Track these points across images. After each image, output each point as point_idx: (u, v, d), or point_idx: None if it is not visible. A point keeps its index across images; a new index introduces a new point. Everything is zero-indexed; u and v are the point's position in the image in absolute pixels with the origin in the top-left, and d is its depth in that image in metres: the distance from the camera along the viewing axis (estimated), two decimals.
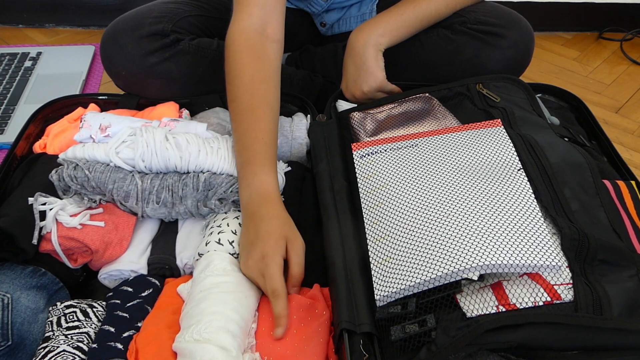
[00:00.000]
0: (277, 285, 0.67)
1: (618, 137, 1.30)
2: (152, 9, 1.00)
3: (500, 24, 0.99)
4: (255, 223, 0.72)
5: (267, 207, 0.73)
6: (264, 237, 0.70)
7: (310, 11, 1.12)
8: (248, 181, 0.75)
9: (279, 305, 0.66)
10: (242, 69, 0.81)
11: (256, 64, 0.81)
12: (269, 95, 0.81)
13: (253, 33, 0.83)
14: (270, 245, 0.70)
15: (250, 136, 0.77)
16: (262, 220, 0.72)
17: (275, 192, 0.75)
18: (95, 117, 0.87)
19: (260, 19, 0.84)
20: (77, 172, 0.77)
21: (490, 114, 0.86)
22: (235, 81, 0.81)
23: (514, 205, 0.67)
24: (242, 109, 0.79)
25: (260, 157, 0.76)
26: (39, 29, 1.62)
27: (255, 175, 0.75)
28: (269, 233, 0.71)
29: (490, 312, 0.59)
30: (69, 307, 0.70)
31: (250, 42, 0.82)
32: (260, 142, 0.77)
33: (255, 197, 0.74)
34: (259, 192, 0.74)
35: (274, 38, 0.85)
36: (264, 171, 0.76)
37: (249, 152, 0.77)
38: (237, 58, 0.81)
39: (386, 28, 0.96)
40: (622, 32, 1.65)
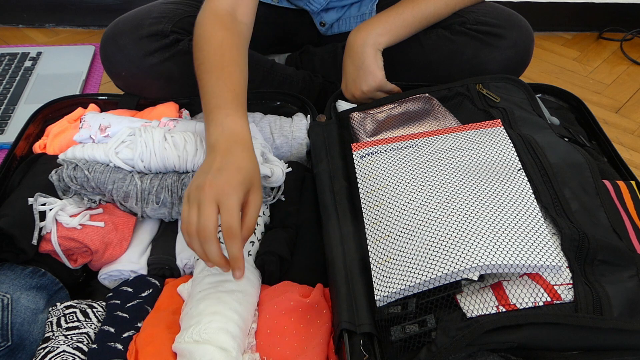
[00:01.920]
0: (234, 222, 0.61)
1: (618, 137, 1.30)
2: (152, 10, 1.00)
3: (500, 24, 0.99)
4: (223, 155, 0.67)
5: (239, 146, 0.68)
6: (233, 170, 0.65)
7: (309, 10, 1.12)
8: (219, 121, 0.71)
9: (234, 247, 0.61)
10: (211, 36, 0.80)
11: (224, 32, 0.81)
12: (239, 59, 0.80)
13: (223, 12, 0.83)
14: (237, 179, 0.64)
15: (221, 87, 0.74)
16: (233, 155, 0.67)
17: (249, 137, 0.71)
18: (95, 117, 0.87)
19: (231, 2, 0.84)
20: (76, 173, 0.77)
21: (490, 114, 0.86)
22: (204, 46, 0.79)
23: (514, 206, 0.67)
24: (210, 68, 0.77)
25: (233, 102, 0.73)
26: (39, 29, 1.62)
27: (227, 116, 0.71)
28: (239, 168, 0.65)
29: (491, 313, 0.59)
30: (69, 307, 0.70)
31: (219, 17, 0.82)
32: (231, 92, 0.74)
33: (228, 136, 0.69)
34: (231, 132, 0.70)
35: (243, 20, 0.86)
36: (237, 114, 0.72)
37: (220, 99, 0.73)
38: (207, 28, 0.81)
39: (385, 28, 0.96)
40: (622, 32, 1.65)
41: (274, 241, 0.76)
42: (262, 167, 0.80)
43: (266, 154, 0.83)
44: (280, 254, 0.74)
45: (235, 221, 0.61)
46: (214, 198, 0.62)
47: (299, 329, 0.66)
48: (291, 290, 0.71)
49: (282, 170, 0.82)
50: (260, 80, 1.07)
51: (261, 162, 0.80)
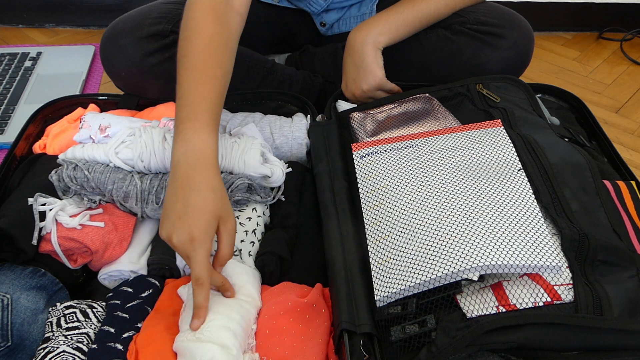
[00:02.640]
0: (203, 273, 0.62)
1: (618, 137, 1.30)
2: (152, 10, 0.99)
3: (500, 24, 0.99)
4: (185, 192, 0.65)
5: (202, 173, 0.67)
6: (195, 216, 0.64)
7: (310, 11, 1.12)
8: (186, 137, 0.68)
9: (200, 295, 0.62)
10: (201, 28, 0.76)
11: (216, 27, 0.77)
12: (224, 60, 0.77)
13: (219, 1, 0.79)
14: (200, 227, 0.63)
15: (197, 93, 0.71)
16: (194, 191, 0.65)
17: (213, 157, 0.68)
18: (95, 117, 0.87)
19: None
20: (76, 173, 0.77)
21: (491, 114, 0.86)
22: (192, 37, 0.75)
23: (514, 206, 0.67)
24: (193, 65, 0.74)
25: (205, 115, 0.70)
26: (39, 29, 1.62)
27: (195, 132, 0.68)
28: (201, 211, 0.64)
29: (491, 313, 0.59)
30: (69, 307, 0.70)
31: (215, 6, 0.79)
32: (207, 100, 0.71)
33: (191, 156, 0.67)
34: (195, 151, 0.67)
35: (238, 10, 0.82)
36: (206, 130, 0.69)
37: (193, 108, 0.70)
38: (198, 16, 0.77)
39: (385, 27, 0.96)
40: (622, 32, 1.65)
41: (273, 241, 0.76)
42: (262, 167, 0.80)
43: (266, 154, 0.83)
44: (280, 254, 0.74)
45: (204, 272, 0.62)
46: (185, 253, 0.64)
47: (297, 329, 0.66)
48: (290, 291, 0.71)
49: (282, 170, 0.82)
50: (260, 80, 1.07)
51: (261, 162, 0.81)
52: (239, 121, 0.93)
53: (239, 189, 0.78)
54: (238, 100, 1.00)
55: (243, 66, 1.04)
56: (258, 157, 0.80)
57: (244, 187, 0.78)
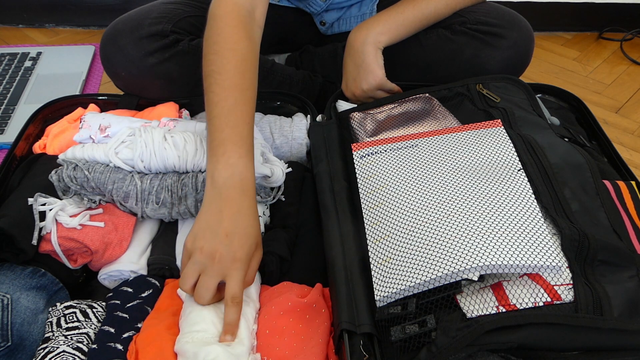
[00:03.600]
0: (239, 292, 0.65)
1: (618, 137, 1.30)
2: (152, 10, 0.99)
3: (500, 24, 0.99)
4: (233, 214, 0.67)
5: (248, 200, 0.69)
6: (243, 239, 0.67)
7: (309, 11, 1.12)
8: (231, 161, 0.69)
9: (235, 314, 0.64)
10: (234, 45, 0.76)
11: (248, 44, 0.77)
12: (255, 81, 0.78)
13: (244, 11, 0.79)
14: (244, 250, 0.66)
15: (239, 117, 0.72)
16: (242, 216, 0.68)
17: (254, 186, 0.71)
18: (95, 117, 0.87)
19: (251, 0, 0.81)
20: (76, 173, 0.77)
21: (490, 114, 0.86)
22: (225, 54, 0.75)
23: (514, 206, 0.67)
24: (230, 84, 0.74)
25: (246, 141, 0.72)
26: (39, 29, 1.62)
27: (240, 158, 0.70)
28: (248, 235, 0.67)
29: (491, 313, 0.59)
30: (69, 307, 0.70)
31: (243, 20, 0.78)
32: (247, 126, 0.72)
33: (237, 181, 0.69)
34: (242, 177, 0.69)
35: (259, 23, 0.82)
36: (249, 157, 0.71)
37: (236, 132, 0.71)
38: (229, 31, 0.76)
39: (385, 26, 0.96)
40: (622, 32, 1.65)
41: (274, 241, 0.76)
42: (262, 167, 0.80)
43: (266, 154, 0.83)
44: (280, 254, 0.74)
45: (240, 291, 0.65)
46: (221, 272, 0.65)
47: (297, 328, 0.66)
48: (290, 291, 0.71)
49: (282, 170, 0.82)
50: (260, 80, 1.06)
51: (261, 162, 0.80)
52: None
53: None
54: None
55: None
56: (258, 157, 0.80)
57: None
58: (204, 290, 0.65)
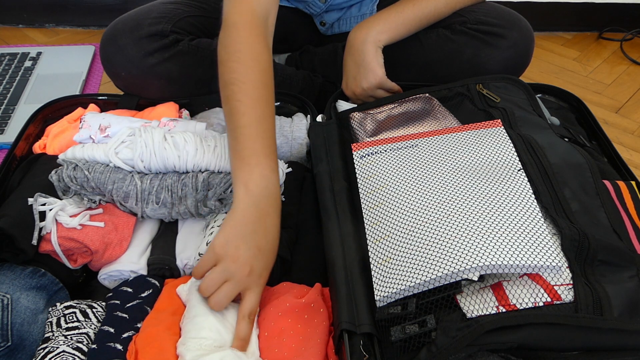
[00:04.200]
0: (256, 309, 0.67)
1: (618, 137, 1.30)
2: (152, 10, 0.99)
3: (501, 24, 0.99)
4: (265, 227, 0.68)
5: (276, 216, 0.70)
6: (271, 255, 0.69)
7: (309, 12, 1.12)
8: (265, 172, 0.70)
9: (249, 330, 0.65)
10: (260, 55, 0.76)
11: (267, 55, 0.77)
12: (274, 92, 0.77)
13: (262, 20, 0.79)
14: (269, 266, 0.68)
15: (267, 128, 0.73)
16: (270, 231, 0.69)
17: (280, 203, 0.72)
18: (95, 117, 0.87)
19: (265, 7, 0.80)
20: (76, 173, 0.77)
21: (491, 114, 0.86)
22: (250, 64, 0.74)
23: (514, 206, 0.67)
24: (259, 96, 0.73)
25: (275, 155, 0.73)
26: (39, 29, 1.61)
27: (272, 172, 0.71)
28: (273, 252, 0.69)
29: (491, 313, 0.59)
30: (69, 307, 0.70)
31: (261, 29, 0.78)
32: (274, 140, 0.74)
33: (272, 194, 0.70)
34: (274, 192, 0.71)
35: (271, 31, 0.82)
36: (277, 173, 0.73)
37: (267, 144, 0.72)
38: (253, 40, 0.76)
39: (385, 25, 0.96)
40: (622, 32, 1.65)
41: None
42: None
43: None
44: (280, 254, 0.74)
45: (257, 307, 0.66)
46: (246, 285, 0.66)
47: (296, 329, 0.66)
48: (288, 292, 0.71)
49: (282, 170, 0.82)
50: None
51: None
52: None
53: None
54: None
55: None
56: None
57: None
58: (225, 298, 0.65)
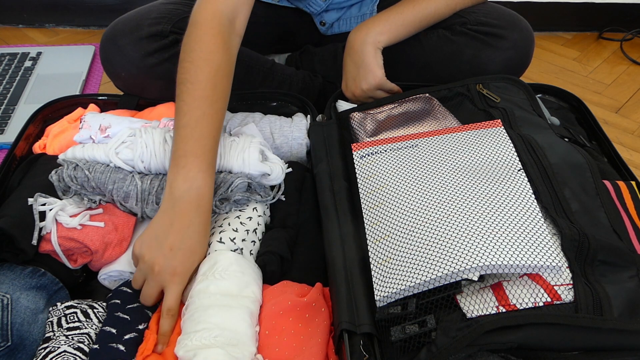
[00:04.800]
0: (176, 305, 0.67)
1: (618, 137, 1.30)
2: (151, 10, 0.99)
3: (501, 25, 0.99)
4: (182, 228, 0.69)
5: (201, 215, 0.71)
6: (187, 254, 0.69)
7: (309, 11, 1.12)
8: (190, 174, 0.71)
9: (169, 326, 0.66)
10: (209, 55, 0.76)
11: (224, 55, 0.77)
12: (226, 93, 0.78)
13: (225, 20, 0.79)
14: (186, 266, 0.69)
15: (205, 129, 0.73)
16: (191, 231, 0.69)
17: (210, 199, 0.72)
18: (95, 117, 0.87)
19: (233, 8, 0.80)
20: (77, 173, 0.77)
21: (491, 114, 0.86)
22: (199, 63, 0.75)
23: (514, 206, 0.67)
24: (201, 95, 0.74)
25: (209, 154, 0.73)
26: (39, 29, 1.61)
27: (200, 172, 0.71)
28: (193, 252, 0.69)
29: (491, 313, 0.59)
30: (70, 307, 0.70)
31: (222, 29, 0.78)
32: (212, 139, 0.74)
33: (194, 196, 0.70)
34: (198, 192, 0.71)
35: (239, 32, 0.82)
36: (210, 171, 0.72)
37: (200, 144, 0.72)
38: (207, 40, 0.76)
39: (385, 26, 0.96)
40: (622, 32, 1.65)
41: (274, 241, 0.76)
42: (262, 165, 0.80)
43: (265, 152, 0.83)
44: (280, 254, 0.74)
45: (176, 305, 0.67)
46: (160, 284, 0.68)
47: (297, 328, 0.66)
48: (289, 290, 0.71)
49: (281, 168, 0.82)
50: (260, 80, 1.07)
51: (260, 161, 0.81)
52: (239, 121, 0.93)
53: (238, 188, 0.78)
54: (238, 100, 1.00)
55: (243, 66, 1.04)
56: (257, 155, 0.80)
57: (243, 186, 0.78)
58: (147, 296, 0.69)
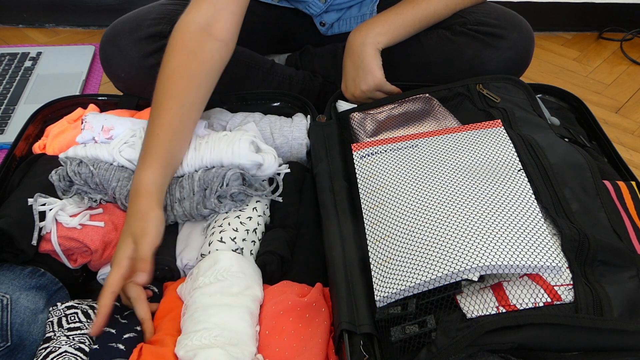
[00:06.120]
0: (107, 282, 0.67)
1: (618, 137, 1.30)
2: (151, 11, 0.99)
3: (501, 25, 0.99)
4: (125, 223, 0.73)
5: (134, 203, 0.73)
6: (120, 238, 0.71)
7: (309, 12, 1.12)
8: (135, 175, 0.75)
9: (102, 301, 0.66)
10: (167, 62, 0.79)
11: (182, 58, 0.79)
12: (183, 91, 0.78)
13: (194, 27, 0.80)
14: (118, 245, 0.70)
15: (150, 130, 0.76)
16: (127, 219, 0.73)
17: (146, 188, 0.74)
18: (97, 118, 0.87)
19: (208, 15, 0.81)
20: (81, 168, 0.77)
21: (491, 114, 0.86)
22: (159, 73, 0.79)
23: (515, 206, 0.67)
24: (154, 101, 0.78)
25: (149, 152, 0.75)
26: (39, 29, 1.61)
27: (138, 170, 0.75)
28: (123, 233, 0.71)
29: (491, 313, 0.59)
30: (70, 307, 0.70)
31: (186, 36, 0.80)
32: (155, 137, 0.76)
33: (132, 192, 0.74)
34: (135, 188, 0.74)
35: (218, 37, 0.82)
36: (145, 166, 0.74)
37: (144, 146, 0.76)
38: (168, 50, 0.80)
39: (384, 27, 0.96)
40: (622, 32, 1.65)
41: (274, 241, 0.76)
42: (253, 154, 0.80)
43: (257, 143, 0.83)
44: (280, 254, 0.74)
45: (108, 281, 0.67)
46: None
47: (297, 328, 0.66)
48: (289, 291, 0.71)
49: (274, 157, 0.81)
50: (260, 80, 1.07)
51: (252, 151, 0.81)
52: (238, 121, 0.93)
53: (232, 179, 0.78)
54: (238, 101, 1.00)
55: (243, 66, 1.04)
56: (247, 145, 0.80)
57: (236, 177, 0.78)
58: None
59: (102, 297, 0.67)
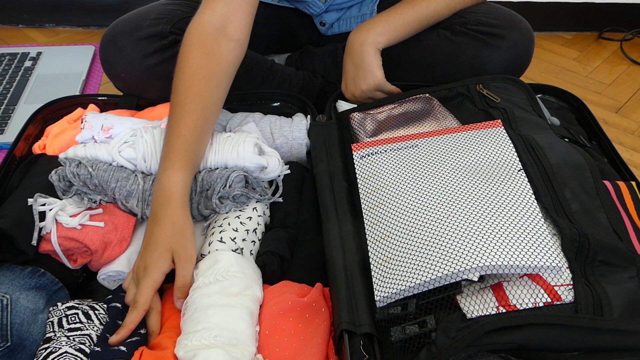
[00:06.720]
0: (142, 300, 0.67)
1: (618, 137, 1.30)
2: (151, 11, 0.99)
3: (501, 25, 0.99)
4: (152, 225, 0.71)
5: (166, 209, 0.72)
6: (152, 247, 0.70)
7: (309, 12, 1.12)
8: (158, 176, 0.74)
9: (130, 317, 0.66)
10: (186, 63, 0.79)
11: (201, 59, 0.79)
12: (205, 92, 0.78)
13: (209, 28, 0.81)
14: (154, 257, 0.69)
15: (174, 131, 0.76)
16: (157, 226, 0.71)
17: (178, 193, 0.73)
18: (97, 117, 0.87)
19: (222, 16, 0.81)
20: (79, 170, 0.77)
21: (491, 114, 0.86)
22: (177, 73, 0.79)
23: (515, 206, 0.67)
24: (175, 102, 0.78)
25: (175, 153, 0.74)
26: (39, 29, 1.61)
27: (164, 171, 0.73)
28: (157, 243, 0.70)
29: (491, 313, 0.59)
30: (71, 308, 0.70)
31: (203, 37, 0.80)
32: (181, 138, 0.75)
33: (159, 194, 0.73)
34: (163, 189, 0.73)
35: (233, 37, 0.82)
36: (174, 168, 0.73)
37: (168, 147, 0.75)
38: (185, 51, 0.80)
39: (384, 27, 0.96)
40: (622, 32, 1.65)
41: (274, 241, 0.76)
42: (257, 157, 0.80)
43: (261, 146, 0.83)
44: (280, 254, 0.74)
45: (143, 299, 0.67)
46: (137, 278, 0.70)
47: (297, 328, 0.66)
48: (289, 291, 0.71)
49: (278, 160, 0.82)
50: (260, 80, 1.07)
51: (256, 154, 0.81)
52: (239, 121, 0.93)
53: (235, 182, 0.78)
54: (238, 100, 1.00)
55: (243, 66, 1.03)
56: (252, 148, 0.80)
57: (239, 179, 0.78)
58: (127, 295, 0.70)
59: (132, 314, 0.66)
